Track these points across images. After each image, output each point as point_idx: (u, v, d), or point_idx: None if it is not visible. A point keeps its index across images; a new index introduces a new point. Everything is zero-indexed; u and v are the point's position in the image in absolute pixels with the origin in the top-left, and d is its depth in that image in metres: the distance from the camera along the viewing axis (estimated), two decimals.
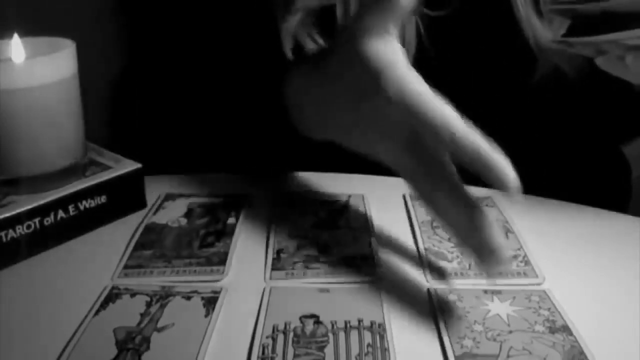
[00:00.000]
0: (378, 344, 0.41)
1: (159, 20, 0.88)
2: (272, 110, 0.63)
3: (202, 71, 0.79)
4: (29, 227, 0.50)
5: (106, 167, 0.57)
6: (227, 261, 0.50)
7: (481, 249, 0.42)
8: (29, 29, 0.55)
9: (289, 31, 0.61)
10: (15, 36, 0.54)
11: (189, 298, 0.45)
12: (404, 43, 0.62)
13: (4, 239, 0.49)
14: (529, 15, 0.58)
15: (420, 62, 0.58)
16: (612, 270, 0.50)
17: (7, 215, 0.49)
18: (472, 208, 0.43)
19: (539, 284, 0.47)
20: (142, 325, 0.43)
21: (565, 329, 0.42)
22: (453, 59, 0.63)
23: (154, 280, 0.48)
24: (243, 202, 0.59)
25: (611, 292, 0.47)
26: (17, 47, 0.54)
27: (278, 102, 0.58)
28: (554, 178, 0.65)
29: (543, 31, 0.57)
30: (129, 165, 0.57)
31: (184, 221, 0.55)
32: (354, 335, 0.41)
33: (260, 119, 0.70)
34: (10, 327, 0.43)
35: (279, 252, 0.51)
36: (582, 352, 0.40)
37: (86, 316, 0.44)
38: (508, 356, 0.40)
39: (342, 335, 0.41)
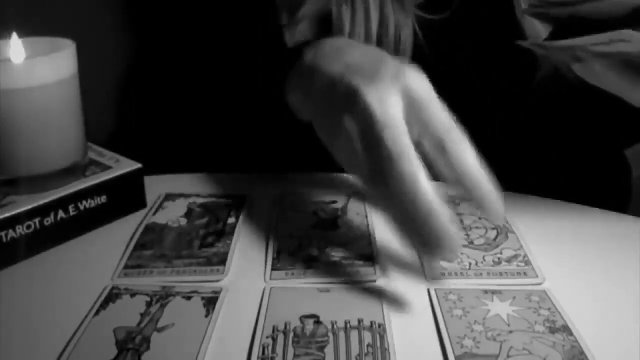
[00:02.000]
0: (378, 344, 0.41)
1: (160, 20, 0.88)
2: (273, 108, 0.63)
3: (203, 70, 0.79)
4: (29, 227, 0.50)
5: (106, 167, 0.57)
6: (227, 261, 0.50)
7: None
8: (29, 29, 0.55)
9: (295, 38, 0.62)
10: (16, 36, 0.54)
11: (189, 298, 0.45)
12: (399, 45, 0.63)
13: (4, 239, 0.49)
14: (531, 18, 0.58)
15: (416, 65, 0.58)
16: (612, 270, 0.50)
17: (7, 215, 0.49)
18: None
19: (539, 284, 0.47)
20: (142, 325, 0.43)
21: (565, 329, 0.42)
22: (450, 62, 0.63)
23: (154, 280, 0.48)
24: (243, 202, 0.59)
25: (611, 292, 0.47)
26: (17, 47, 0.54)
27: (278, 99, 0.58)
28: (554, 178, 0.65)
29: (544, 33, 0.57)
30: (129, 165, 0.57)
31: (184, 221, 0.55)
32: (354, 335, 0.41)
33: (260, 118, 0.70)
34: (10, 327, 0.43)
35: (279, 252, 0.51)
36: (582, 352, 0.40)
37: (86, 316, 0.44)
38: (508, 356, 0.40)
39: (342, 335, 0.41)
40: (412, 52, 0.63)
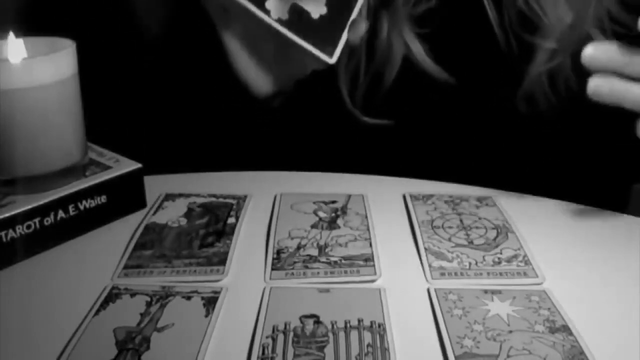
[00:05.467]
0: (378, 344, 0.41)
1: (161, 20, 0.88)
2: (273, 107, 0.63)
3: (203, 70, 0.79)
4: (29, 227, 0.50)
5: (106, 167, 0.57)
6: (227, 261, 0.50)
7: None
8: (29, 29, 0.55)
9: None
10: (16, 36, 0.54)
11: (189, 298, 0.45)
12: (390, 56, 0.64)
13: (4, 239, 0.49)
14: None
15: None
16: (612, 270, 0.50)
17: (7, 215, 0.49)
18: None
19: (539, 284, 0.47)
20: (142, 325, 0.43)
21: (565, 329, 0.42)
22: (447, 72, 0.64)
23: (154, 280, 0.48)
24: (243, 202, 0.59)
25: (611, 292, 0.47)
26: (17, 47, 0.54)
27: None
28: (554, 178, 0.65)
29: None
30: (129, 165, 0.57)
31: (184, 221, 0.55)
32: (354, 335, 0.41)
33: (261, 117, 0.70)
34: (11, 327, 0.43)
35: (279, 252, 0.51)
36: (582, 352, 0.40)
37: (86, 316, 0.44)
38: (508, 356, 0.40)
39: (342, 335, 0.41)
40: (402, 63, 0.64)
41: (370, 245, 0.52)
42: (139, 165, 0.57)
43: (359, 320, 0.43)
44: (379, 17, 0.63)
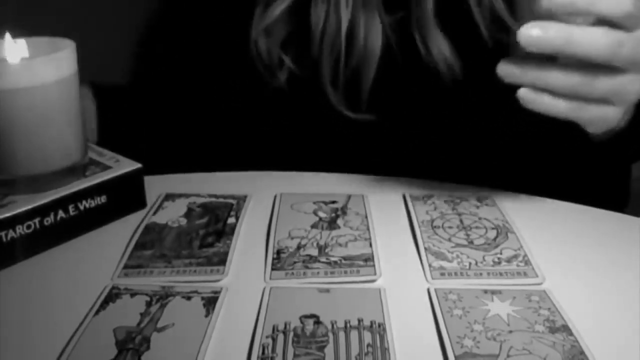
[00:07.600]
0: (378, 344, 0.41)
1: (160, 20, 0.88)
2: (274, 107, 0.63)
3: (203, 70, 0.79)
4: (29, 227, 0.50)
5: (106, 167, 0.57)
6: (227, 261, 0.50)
7: None
8: (29, 29, 0.55)
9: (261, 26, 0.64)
10: (17, 36, 0.54)
11: (189, 298, 0.45)
12: (368, 45, 0.64)
13: (4, 239, 0.49)
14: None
15: (388, 66, 0.60)
16: (611, 270, 0.50)
17: (7, 215, 0.49)
18: None
19: (539, 284, 0.47)
20: (142, 325, 0.43)
21: (565, 329, 0.42)
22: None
23: (154, 280, 0.48)
24: (243, 202, 0.59)
25: (611, 292, 0.47)
26: (17, 47, 0.54)
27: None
28: (554, 178, 0.65)
29: None
30: (129, 165, 0.57)
31: (183, 221, 0.55)
32: (354, 335, 0.41)
33: (260, 117, 0.70)
34: (11, 326, 0.43)
35: (279, 252, 0.51)
36: (582, 352, 0.40)
37: (86, 316, 0.44)
38: (508, 356, 0.40)
39: (342, 335, 0.41)
40: (382, 53, 0.64)
41: (370, 245, 0.52)
42: (139, 165, 0.57)
43: (359, 320, 0.43)
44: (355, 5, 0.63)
